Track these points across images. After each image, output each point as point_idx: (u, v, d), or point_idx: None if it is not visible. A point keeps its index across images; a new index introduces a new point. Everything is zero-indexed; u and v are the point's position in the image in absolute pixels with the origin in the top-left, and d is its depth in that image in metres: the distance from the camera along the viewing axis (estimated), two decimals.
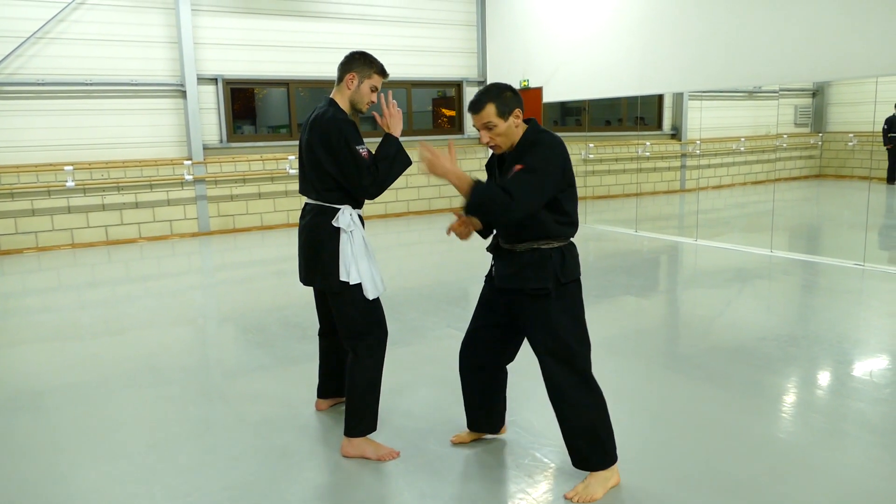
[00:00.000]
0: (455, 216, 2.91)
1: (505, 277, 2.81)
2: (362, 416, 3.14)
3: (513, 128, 2.71)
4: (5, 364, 4.71)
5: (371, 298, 3.08)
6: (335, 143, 2.95)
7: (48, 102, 8.73)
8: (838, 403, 3.68)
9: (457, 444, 3.26)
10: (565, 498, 2.76)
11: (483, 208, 2.59)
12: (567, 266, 2.74)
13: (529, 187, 2.56)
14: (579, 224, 2.87)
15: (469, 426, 3.24)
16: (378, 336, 3.14)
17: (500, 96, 2.68)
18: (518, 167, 2.61)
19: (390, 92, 3.15)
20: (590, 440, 2.77)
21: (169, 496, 2.87)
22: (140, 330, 5.37)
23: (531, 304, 2.75)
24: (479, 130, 2.75)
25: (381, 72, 3.15)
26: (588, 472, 2.83)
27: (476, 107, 2.70)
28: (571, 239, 2.82)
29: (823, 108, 12.58)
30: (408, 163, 3.09)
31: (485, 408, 3.16)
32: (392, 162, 3.02)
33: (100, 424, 3.63)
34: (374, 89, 3.14)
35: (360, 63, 3.10)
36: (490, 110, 2.67)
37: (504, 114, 2.67)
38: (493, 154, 2.90)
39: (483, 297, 3.04)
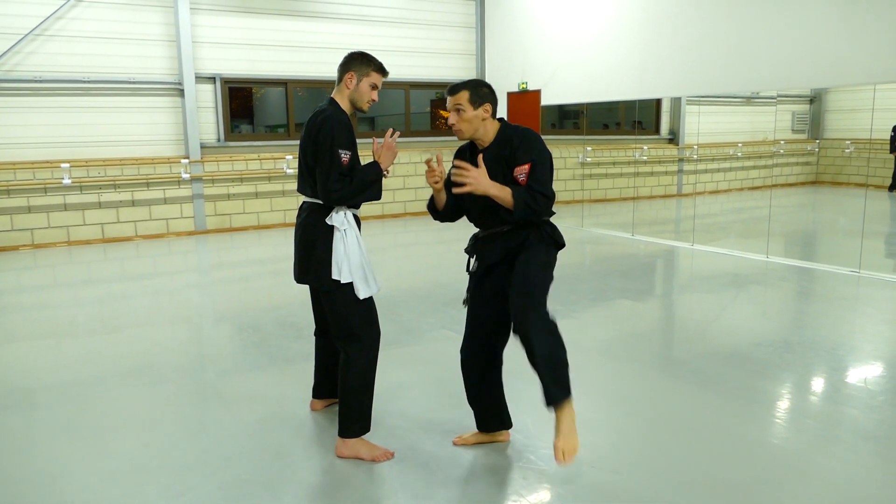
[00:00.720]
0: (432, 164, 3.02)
1: (495, 251, 2.96)
2: (356, 416, 3.14)
3: (479, 119, 2.91)
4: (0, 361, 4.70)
5: (362, 298, 3.08)
6: (322, 140, 2.97)
7: (46, 99, 8.71)
8: (832, 410, 3.69)
9: (459, 445, 3.26)
10: (557, 460, 2.68)
11: (527, 210, 2.78)
12: (555, 232, 2.94)
13: (549, 180, 2.85)
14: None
15: (481, 428, 3.25)
16: (371, 337, 3.14)
17: (476, 88, 2.91)
18: (526, 166, 2.81)
19: (398, 133, 3.16)
20: (551, 369, 2.71)
21: (163, 495, 2.87)
22: (135, 328, 5.36)
23: (516, 257, 2.89)
24: (449, 112, 2.95)
25: (380, 69, 3.17)
26: (555, 421, 2.74)
27: (453, 90, 2.91)
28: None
29: (821, 115, 12.60)
30: (377, 197, 3.11)
31: (493, 406, 3.19)
32: (365, 187, 3.04)
33: (94, 423, 3.62)
34: (373, 87, 3.16)
35: (358, 62, 3.12)
36: (464, 95, 2.88)
37: (475, 103, 2.88)
38: (465, 149, 3.10)
39: (471, 304, 3.11)
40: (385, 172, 3.10)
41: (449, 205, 3.11)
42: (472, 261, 3.12)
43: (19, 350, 4.92)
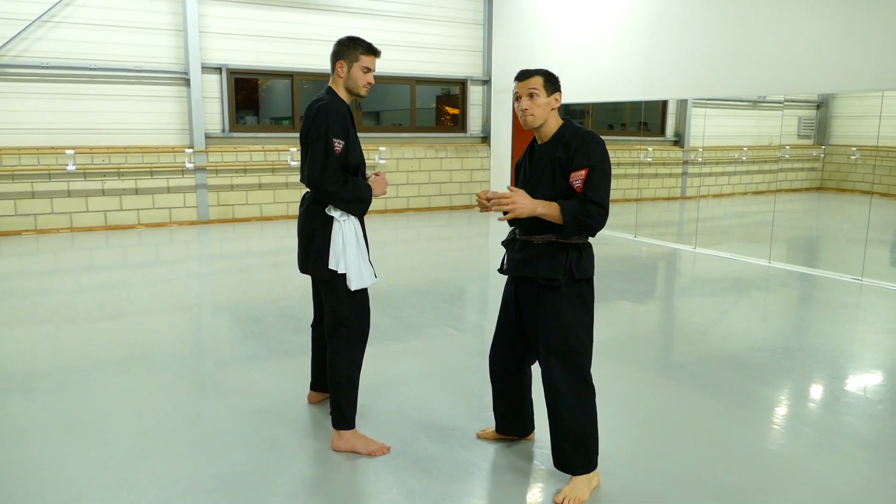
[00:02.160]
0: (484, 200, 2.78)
1: (517, 263, 2.83)
2: (347, 409, 3.15)
3: (549, 108, 2.75)
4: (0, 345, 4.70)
5: (353, 289, 3.07)
6: (315, 128, 2.96)
7: (52, 86, 8.71)
8: (830, 418, 3.68)
9: (481, 438, 3.27)
10: (555, 502, 2.76)
11: (580, 225, 2.62)
12: (583, 263, 2.74)
13: (607, 190, 2.66)
14: None
15: (497, 429, 3.24)
16: (357, 327, 3.14)
17: (550, 75, 2.77)
18: (583, 172, 2.63)
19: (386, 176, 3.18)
20: (576, 444, 2.79)
21: (157, 483, 2.87)
22: (135, 316, 5.36)
23: (540, 296, 2.77)
24: (517, 100, 2.77)
25: (369, 50, 3.12)
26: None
27: (526, 74, 2.76)
28: (590, 240, 2.80)
29: (827, 121, 12.57)
30: (358, 215, 3.12)
31: (513, 410, 3.16)
32: (354, 199, 3.04)
33: (91, 409, 3.62)
34: (366, 70, 3.11)
35: (345, 49, 3.10)
36: (538, 80, 2.74)
37: (549, 89, 2.74)
38: (527, 151, 2.92)
39: (503, 300, 3.05)
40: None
41: None
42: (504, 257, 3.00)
43: (20, 334, 4.92)
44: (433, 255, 8.48)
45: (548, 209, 2.63)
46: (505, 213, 2.65)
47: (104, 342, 4.71)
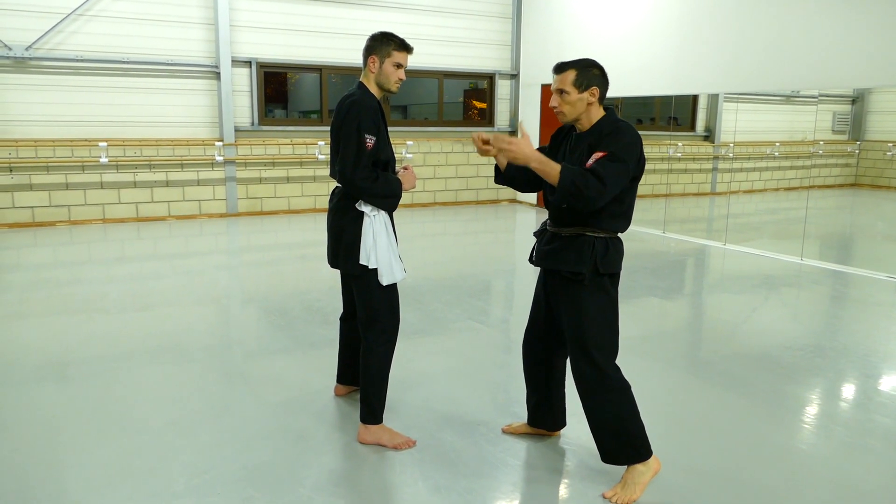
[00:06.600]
0: (483, 140, 2.74)
1: (543, 254, 2.82)
2: (377, 403, 3.16)
3: (584, 103, 2.69)
4: (34, 334, 4.80)
5: (385, 284, 3.08)
6: (348, 123, 2.97)
7: (85, 79, 8.85)
8: (863, 418, 3.61)
9: (507, 433, 3.27)
10: (603, 497, 2.74)
11: (574, 191, 2.50)
12: (609, 257, 2.70)
13: (616, 175, 2.54)
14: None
15: (528, 420, 3.24)
16: (390, 324, 3.15)
17: (585, 69, 2.68)
18: (601, 154, 2.57)
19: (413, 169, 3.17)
20: (613, 436, 2.76)
21: (186, 472, 2.91)
22: (165, 307, 5.44)
23: (565, 288, 2.77)
24: (553, 93, 2.74)
25: (402, 47, 3.11)
26: (623, 470, 2.83)
27: (559, 69, 2.71)
28: (620, 234, 2.78)
29: (862, 116, 12.30)
30: (389, 210, 3.12)
31: (543, 402, 3.15)
32: (385, 194, 3.05)
33: (122, 398, 3.68)
34: (398, 66, 3.10)
35: (378, 44, 3.09)
36: (569, 76, 2.67)
37: (580, 85, 2.67)
38: (564, 130, 2.91)
39: (536, 291, 3.06)
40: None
41: (510, 172, 2.90)
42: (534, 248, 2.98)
43: (53, 324, 5.02)
44: (459, 250, 8.48)
45: (545, 165, 2.54)
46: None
47: (135, 332, 4.78)
